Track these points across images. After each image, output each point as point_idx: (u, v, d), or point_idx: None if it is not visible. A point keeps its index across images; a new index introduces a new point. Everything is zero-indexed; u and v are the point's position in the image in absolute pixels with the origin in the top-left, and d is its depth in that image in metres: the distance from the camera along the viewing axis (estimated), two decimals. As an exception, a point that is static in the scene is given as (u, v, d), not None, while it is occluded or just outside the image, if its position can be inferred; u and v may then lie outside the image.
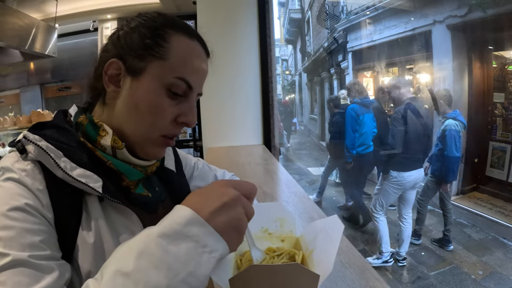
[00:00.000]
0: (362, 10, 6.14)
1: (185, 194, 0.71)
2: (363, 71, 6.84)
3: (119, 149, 0.56)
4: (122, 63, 0.55)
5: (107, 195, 0.51)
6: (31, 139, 0.49)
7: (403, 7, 5.08)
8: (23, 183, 0.47)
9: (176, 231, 0.37)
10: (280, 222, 0.67)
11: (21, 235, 0.43)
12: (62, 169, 0.49)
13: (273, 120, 2.48)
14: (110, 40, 0.59)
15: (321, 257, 0.55)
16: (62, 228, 0.48)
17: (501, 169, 3.95)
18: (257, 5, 2.41)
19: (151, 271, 0.35)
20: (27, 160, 0.50)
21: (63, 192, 0.50)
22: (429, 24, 4.60)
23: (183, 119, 0.57)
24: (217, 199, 0.41)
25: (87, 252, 0.50)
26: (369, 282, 0.72)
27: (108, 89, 0.57)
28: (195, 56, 0.58)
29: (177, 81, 0.55)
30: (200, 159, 0.93)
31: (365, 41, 6.39)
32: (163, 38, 0.55)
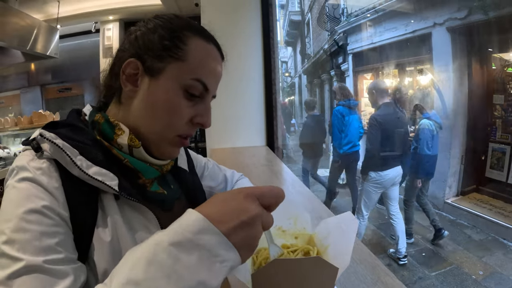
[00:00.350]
0: (363, 13, 6.16)
1: (199, 192, 0.75)
2: (363, 73, 6.85)
3: (136, 147, 0.57)
4: (140, 63, 0.56)
5: (124, 193, 0.52)
6: (47, 137, 0.49)
7: (403, 10, 5.10)
8: (38, 182, 0.48)
9: (188, 239, 0.36)
10: (294, 220, 0.68)
11: (36, 238, 0.43)
12: (79, 167, 0.49)
13: (276, 121, 2.49)
14: (127, 40, 0.60)
15: (337, 252, 0.57)
16: (78, 226, 0.49)
17: (500, 170, 3.97)
18: (261, 7, 2.43)
19: (162, 280, 0.34)
20: (43, 158, 0.50)
21: (79, 190, 0.50)
22: (429, 26, 4.62)
23: (199, 120, 0.59)
24: (236, 216, 0.39)
25: (103, 251, 0.50)
26: (380, 277, 0.74)
27: (125, 88, 0.57)
28: (211, 58, 0.59)
29: (194, 83, 0.56)
30: (210, 159, 0.94)
31: (365, 43, 6.40)
32: (181, 40, 0.56)
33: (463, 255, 3.25)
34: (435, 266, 3.09)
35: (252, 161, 2.00)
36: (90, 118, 0.59)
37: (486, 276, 2.89)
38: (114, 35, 4.42)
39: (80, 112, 0.63)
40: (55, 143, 0.49)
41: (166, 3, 3.70)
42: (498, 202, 3.98)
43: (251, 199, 0.41)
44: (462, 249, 3.36)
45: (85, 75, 5.07)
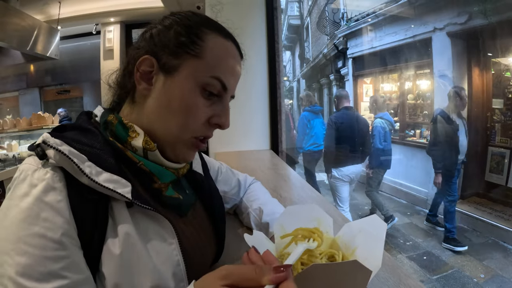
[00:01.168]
0: (363, 17, 6.20)
1: (215, 198, 0.73)
2: (363, 78, 6.89)
3: (151, 151, 0.54)
4: (156, 60, 0.54)
5: (137, 201, 0.49)
6: (51, 144, 0.46)
7: (403, 15, 5.15)
8: (40, 199, 0.44)
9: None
10: (317, 223, 0.68)
11: (39, 263, 0.41)
12: (87, 175, 0.46)
13: (280, 125, 2.49)
14: (142, 38, 0.58)
15: (366, 255, 0.57)
16: (87, 238, 0.46)
17: (500, 174, 4.00)
18: (265, 11, 2.43)
19: None
20: (47, 167, 0.47)
21: (87, 199, 0.47)
22: (430, 31, 4.65)
23: (216, 120, 0.56)
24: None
25: (113, 263, 0.47)
26: (402, 280, 0.74)
27: (139, 86, 0.55)
28: (230, 56, 0.57)
29: (212, 81, 0.54)
30: (223, 163, 0.93)
31: (365, 48, 6.44)
32: (199, 37, 0.54)
33: (464, 258, 3.26)
34: (437, 270, 3.10)
35: (257, 164, 1.99)
36: (102, 118, 0.57)
37: (488, 279, 2.90)
38: (115, 37, 4.41)
39: (91, 114, 0.61)
40: (60, 150, 0.45)
41: (168, 5, 3.70)
42: (498, 205, 4.00)
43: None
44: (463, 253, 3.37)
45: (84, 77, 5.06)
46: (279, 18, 2.53)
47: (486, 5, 3.76)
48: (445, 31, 4.40)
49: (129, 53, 0.58)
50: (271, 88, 2.47)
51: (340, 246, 0.65)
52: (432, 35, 4.64)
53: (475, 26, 4.02)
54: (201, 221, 0.65)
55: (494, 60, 4.17)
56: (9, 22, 3.20)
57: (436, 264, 3.21)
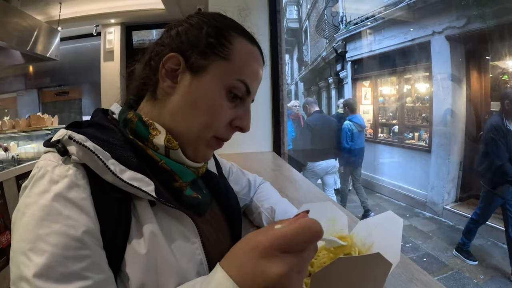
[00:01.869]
0: (362, 21, 6.25)
1: (231, 196, 0.73)
2: (361, 81, 6.92)
3: (173, 149, 0.53)
4: (183, 59, 0.53)
5: (162, 199, 0.48)
6: (76, 139, 0.44)
7: (402, 18, 5.19)
8: (63, 196, 0.43)
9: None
10: (332, 221, 0.68)
11: (60, 263, 0.39)
12: (112, 172, 0.45)
13: (283, 127, 2.50)
14: (167, 34, 0.57)
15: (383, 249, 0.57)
16: (109, 238, 0.44)
17: (498, 176, 4.02)
18: (268, 13, 2.44)
19: None
20: (69, 163, 0.45)
21: (110, 198, 0.46)
22: (428, 34, 4.70)
23: (238, 123, 0.56)
24: (254, 282, 0.32)
25: (138, 263, 0.45)
26: (415, 275, 0.75)
27: (164, 83, 0.54)
28: (255, 61, 0.57)
29: (238, 84, 0.54)
30: (233, 163, 0.93)
31: (364, 51, 6.48)
32: (227, 39, 0.54)
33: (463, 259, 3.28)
34: (437, 271, 3.12)
35: (261, 166, 1.99)
36: (121, 116, 0.55)
37: (488, 280, 2.92)
38: (116, 38, 4.40)
39: (106, 111, 0.59)
40: (86, 146, 0.44)
41: (169, 7, 3.71)
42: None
43: (268, 257, 0.32)
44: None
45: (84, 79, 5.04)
46: (282, 21, 2.55)
47: (484, 9, 3.81)
48: (444, 35, 4.45)
49: (151, 48, 0.58)
50: (273, 90, 2.48)
51: (355, 243, 0.65)
52: (431, 39, 4.69)
53: (473, 29, 4.06)
54: (218, 220, 0.65)
55: (492, 64, 4.22)
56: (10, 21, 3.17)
57: (436, 265, 3.23)
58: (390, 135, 6.10)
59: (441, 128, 4.67)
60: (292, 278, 0.33)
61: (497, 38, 3.92)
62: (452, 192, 4.50)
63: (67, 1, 3.77)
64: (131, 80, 0.63)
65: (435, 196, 4.56)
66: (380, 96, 6.51)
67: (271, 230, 0.34)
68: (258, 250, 0.33)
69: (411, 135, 5.54)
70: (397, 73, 5.88)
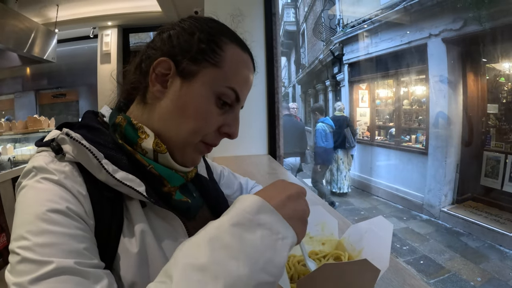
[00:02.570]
0: (359, 24, 6.27)
1: (222, 200, 0.72)
2: (358, 83, 6.93)
3: (162, 153, 0.53)
4: (173, 64, 0.53)
5: (152, 199, 0.48)
6: (73, 137, 0.45)
7: (399, 21, 5.21)
8: (63, 184, 0.43)
9: (249, 219, 0.36)
10: (322, 226, 0.68)
11: (63, 241, 0.39)
12: (107, 171, 0.45)
13: (278, 130, 2.49)
14: (159, 38, 0.56)
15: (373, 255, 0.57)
16: (103, 236, 0.45)
17: (495, 178, 4.04)
18: (264, 16, 2.44)
19: (230, 261, 0.33)
20: (64, 161, 0.46)
21: (104, 197, 0.46)
22: (425, 37, 4.72)
23: (226, 130, 0.56)
24: (282, 192, 0.42)
25: (130, 262, 0.46)
26: (406, 280, 0.74)
27: (153, 87, 0.53)
28: (246, 68, 0.57)
29: (228, 91, 0.53)
30: (225, 167, 0.92)
31: (361, 54, 6.49)
32: (219, 46, 0.53)
33: (460, 262, 3.28)
34: (434, 274, 3.11)
35: (256, 169, 1.99)
36: (111, 120, 0.55)
37: (485, 282, 2.92)
38: (113, 41, 4.39)
39: (97, 113, 0.59)
40: (82, 144, 0.45)
41: (165, 10, 3.71)
42: (493, 209, 4.05)
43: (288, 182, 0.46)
44: (460, 256, 3.39)
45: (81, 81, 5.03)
46: (278, 24, 2.55)
47: (480, 11, 3.83)
48: (441, 37, 4.47)
49: (143, 51, 0.58)
50: (269, 93, 2.47)
51: (346, 248, 0.65)
52: (428, 41, 4.71)
53: (470, 32, 4.08)
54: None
55: (488, 66, 4.24)
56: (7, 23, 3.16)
57: (433, 268, 3.22)
58: (387, 137, 6.11)
59: (438, 131, 4.68)
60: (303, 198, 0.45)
61: (493, 40, 3.95)
62: (449, 194, 4.51)
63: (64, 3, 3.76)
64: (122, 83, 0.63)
65: (432, 199, 4.57)
66: (377, 98, 6.52)
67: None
68: (281, 181, 0.46)
69: (408, 138, 5.56)
70: (394, 75, 5.89)
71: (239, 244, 0.34)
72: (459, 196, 4.47)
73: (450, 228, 4.16)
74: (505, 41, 3.85)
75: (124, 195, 0.49)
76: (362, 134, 6.78)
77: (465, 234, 3.91)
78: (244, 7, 2.39)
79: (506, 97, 4.07)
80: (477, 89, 4.38)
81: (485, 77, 4.30)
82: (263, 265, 0.34)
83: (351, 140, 5.38)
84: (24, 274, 0.36)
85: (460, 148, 4.52)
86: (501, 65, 4.07)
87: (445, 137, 4.57)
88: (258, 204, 0.38)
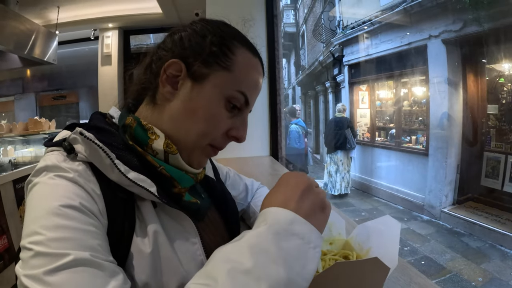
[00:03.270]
0: (359, 25, 6.28)
1: (229, 201, 0.73)
2: (358, 85, 6.93)
3: (172, 154, 0.53)
4: (185, 66, 0.53)
5: (164, 200, 0.48)
6: (87, 136, 0.45)
7: (399, 22, 5.22)
8: (77, 182, 0.43)
9: (285, 229, 0.40)
10: (329, 226, 0.67)
11: (78, 236, 0.38)
12: (120, 170, 0.45)
13: (280, 131, 2.49)
14: (170, 39, 0.56)
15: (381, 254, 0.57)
16: (116, 236, 0.45)
17: (495, 179, 4.05)
18: (266, 18, 2.45)
19: (270, 265, 0.36)
20: (76, 161, 0.46)
21: (117, 197, 0.46)
22: (425, 38, 4.73)
23: (234, 133, 0.56)
24: (295, 190, 0.46)
25: (143, 262, 0.46)
26: (413, 279, 0.74)
27: (164, 89, 0.54)
28: (257, 73, 0.57)
29: (238, 95, 0.54)
30: (230, 168, 0.92)
31: (361, 55, 6.50)
32: (230, 50, 0.54)
33: (461, 262, 3.29)
34: (435, 274, 3.11)
35: (259, 170, 1.99)
36: (121, 121, 0.55)
37: (486, 282, 2.92)
38: (113, 43, 4.40)
39: (105, 114, 0.59)
40: (96, 143, 0.45)
41: (166, 12, 3.71)
42: (494, 209, 4.05)
43: (295, 176, 0.49)
44: (461, 257, 3.40)
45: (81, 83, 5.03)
46: (279, 25, 2.56)
47: (480, 12, 3.84)
48: (440, 38, 4.48)
49: (153, 52, 0.58)
50: (270, 94, 2.48)
51: (353, 247, 0.65)
52: (428, 43, 4.72)
53: (469, 33, 4.09)
54: (217, 225, 0.65)
55: (488, 67, 4.25)
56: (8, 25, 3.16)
57: (434, 268, 3.23)
58: (388, 138, 6.11)
59: (438, 132, 4.69)
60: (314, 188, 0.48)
61: (493, 41, 3.96)
62: (449, 195, 4.51)
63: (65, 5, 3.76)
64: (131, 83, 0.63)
65: (433, 199, 4.57)
66: (377, 100, 6.53)
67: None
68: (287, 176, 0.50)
69: (408, 139, 5.56)
70: (394, 77, 5.90)
71: (277, 251, 0.38)
72: (460, 197, 4.48)
73: (451, 228, 4.16)
74: (505, 42, 3.86)
75: (135, 196, 0.49)
76: (363, 135, 6.78)
77: (466, 234, 3.91)
78: (247, 9, 2.40)
79: (506, 98, 4.07)
80: (477, 90, 4.39)
81: (485, 78, 4.31)
82: (299, 270, 0.38)
83: (352, 141, 5.38)
84: (38, 267, 0.35)
85: (460, 149, 4.52)
86: (501, 66, 4.08)
87: (446, 138, 4.58)
88: (290, 216, 0.42)
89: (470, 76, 4.42)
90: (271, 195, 0.47)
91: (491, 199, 4.16)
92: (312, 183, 0.48)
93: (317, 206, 0.46)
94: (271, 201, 0.45)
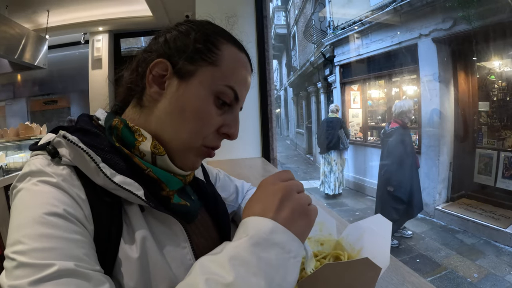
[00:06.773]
0: (349, 25, 6.32)
1: (220, 203, 0.72)
2: (350, 85, 6.96)
3: (160, 155, 0.52)
4: (170, 64, 0.52)
5: (152, 203, 0.47)
6: (71, 139, 0.44)
7: (389, 22, 5.26)
8: (61, 187, 0.42)
9: (265, 239, 0.39)
10: (320, 226, 0.67)
11: (62, 245, 0.38)
12: (104, 174, 0.44)
13: (272, 132, 2.49)
14: (155, 41, 0.56)
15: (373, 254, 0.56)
16: (102, 242, 0.44)
17: (488, 175, 4.09)
18: (255, 19, 2.45)
19: (251, 278, 0.36)
20: (61, 165, 0.45)
21: (102, 202, 0.45)
22: (415, 37, 4.77)
23: (226, 130, 0.55)
24: (273, 198, 0.44)
25: (131, 268, 0.45)
26: (406, 278, 0.74)
27: (151, 89, 0.53)
28: (244, 67, 0.56)
29: (227, 90, 0.53)
30: (220, 170, 0.91)
31: (352, 55, 6.53)
32: (215, 45, 0.53)
33: (457, 259, 3.30)
34: (430, 272, 3.12)
35: (251, 172, 1.98)
36: (107, 123, 0.54)
37: (481, 278, 2.94)
38: (104, 46, 4.37)
39: (91, 117, 0.58)
40: (80, 147, 0.44)
41: (157, 14, 3.70)
42: (488, 206, 4.09)
43: (273, 182, 0.46)
44: (456, 254, 3.41)
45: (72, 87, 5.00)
46: (269, 27, 2.56)
47: (469, 10, 3.89)
48: (431, 37, 4.52)
49: (139, 55, 0.57)
50: (261, 95, 2.47)
51: (344, 247, 0.65)
52: (418, 41, 4.76)
53: (459, 31, 4.14)
54: (208, 227, 0.64)
55: (479, 64, 4.30)
56: (-3, 29, 3.14)
57: (429, 266, 3.24)
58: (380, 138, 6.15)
59: (430, 130, 4.72)
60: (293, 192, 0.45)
61: (482, 39, 4.00)
62: (443, 192, 4.54)
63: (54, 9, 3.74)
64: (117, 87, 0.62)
65: (426, 197, 4.59)
66: (369, 99, 6.56)
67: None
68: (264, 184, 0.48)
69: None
70: (385, 76, 5.93)
71: (257, 262, 0.37)
72: (453, 194, 4.51)
73: (445, 226, 4.19)
74: (494, 39, 3.91)
75: (122, 200, 0.47)
76: (355, 135, 6.81)
77: (461, 231, 3.94)
78: (236, 10, 2.40)
79: (497, 95, 4.12)
80: (468, 88, 4.44)
81: (476, 75, 4.36)
82: (279, 281, 0.38)
83: (345, 142, 5.39)
84: (22, 278, 0.35)
85: (452, 146, 4.56)
86: (491, 63, 4.14)
87: (438, 135, 4.61)
88: (270, 225, 0.41)
89: (461, 74, 4.46)
90: (251, 204, 0.45)
91: (484, 196, 4.20)
92: (292, 188, 0.45)
93: (297, 213, 0.44)
94: (250, 211, 0.44)
